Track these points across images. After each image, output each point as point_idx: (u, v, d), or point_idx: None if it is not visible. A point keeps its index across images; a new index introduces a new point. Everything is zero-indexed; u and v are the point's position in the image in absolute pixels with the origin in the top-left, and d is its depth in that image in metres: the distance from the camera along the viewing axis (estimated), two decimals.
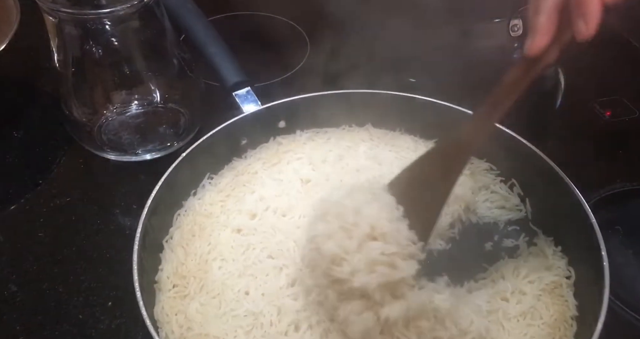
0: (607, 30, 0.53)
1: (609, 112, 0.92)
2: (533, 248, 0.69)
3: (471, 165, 0.78)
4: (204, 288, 0.64)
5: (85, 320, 0.66)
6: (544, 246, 0.69)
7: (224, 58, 0.79)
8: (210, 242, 0.68)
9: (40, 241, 0.74)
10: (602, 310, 0.56)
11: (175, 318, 0.61)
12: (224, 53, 0.80)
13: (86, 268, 0.71)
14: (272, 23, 1.09)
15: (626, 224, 0.75)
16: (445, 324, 0.58)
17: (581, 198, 0.65)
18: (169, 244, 0.68)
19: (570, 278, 0.65)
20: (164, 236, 0.68)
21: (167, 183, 0.67)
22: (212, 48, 0.80)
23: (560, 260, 0.67)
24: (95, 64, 0.75)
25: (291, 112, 0.79)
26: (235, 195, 0.74)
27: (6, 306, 0.67)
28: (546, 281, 0.65)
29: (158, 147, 0.81)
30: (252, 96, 0.78)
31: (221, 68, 0.79)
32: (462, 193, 0.73)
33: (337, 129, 0.82)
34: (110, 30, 0.71)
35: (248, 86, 0.79)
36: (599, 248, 0.61)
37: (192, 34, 0.81)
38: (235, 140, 0.77)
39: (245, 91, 0.78)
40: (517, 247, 0.70)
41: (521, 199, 0.74)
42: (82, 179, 0.83)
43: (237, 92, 0.78)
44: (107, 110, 0.82)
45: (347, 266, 0.55)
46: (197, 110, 0.84)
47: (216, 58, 0.79)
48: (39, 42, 0.75)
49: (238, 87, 0.78)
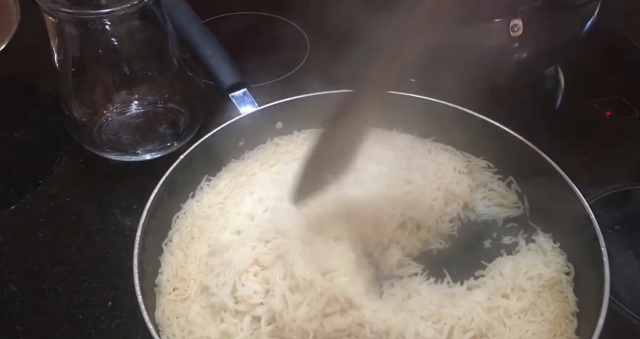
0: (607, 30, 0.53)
1: (609, 112, 0.92)
2: (532, 245, 0.69)
3: (469, 162, 0.78)
4: (205, 291, 0.63)
5: (85, 320, 0.66)
6: (542, 242, 0.69)
7: (219, 60, 0.80)
8: (209, 244, 0.68)
9: (40, 241, 0.74)
10: (603, 306, 0.56)
11: (176, 322, 0.61)
12: (219, 55, 0.80)
13: (86, 268, 0.71)
14: (272, 23, 1.09)
15: (626, 224, 0.75)
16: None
17: (581, 197, 0.65)
18: (168, 247, 0.68)
19: (570, 274, 0.65)
20: (163, 239, 0.68)
21: (165, 186, 0.67)
22: (207, 50, 0.80)
23: (559, 256, 0.67)
24: (95, 64, 0.75)
25: (288, 113, 0.78)
26: (234, 196, 0.74)
27: (6, 306, 0.67)
28: (546, 277, 0.65)
29: (158, 147, 0.81)
30: (249, 97, 0.78)
31: (217, 70, 0.79)
32: (461, 191, 0.73)
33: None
34: (110, 30, 0.71)
35: (244, 87, 0.79)
36: (598, 245, 0.61)
37: (186, 36, 0.81)
38: (233, 142, 0.77)
39: (241, 92, 0.78)
40: (515, 244, 0.70)
41: (519, 196, 0.74)
42: (82, 179, 0.83)
43: (233, 94, 0.78)
44: (107, 110, 0.82)
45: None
46: (196, 110, 0.84)
47: (211, 61, 0.79)
48: (39, 42, 0.75)
49: (234, 88, 0.78)
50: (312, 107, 0.78)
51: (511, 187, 0.75)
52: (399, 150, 0.79)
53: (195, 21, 0.82)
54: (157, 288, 0.64)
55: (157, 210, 0.66)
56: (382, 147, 0.79)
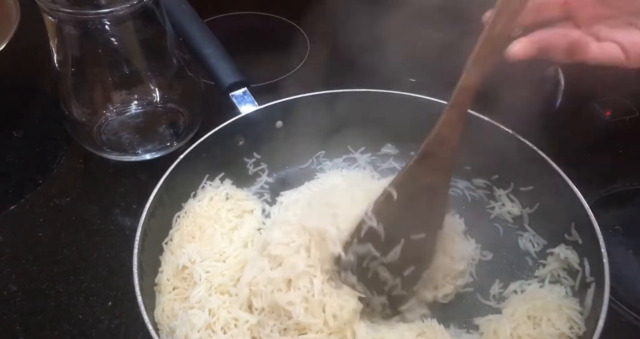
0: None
1: (609, 112, 0.92)
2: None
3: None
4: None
5: (85, 320, 0.66)
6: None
7: (219, 59, 0.79)
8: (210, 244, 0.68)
9: (40, 241, 0.74)
10: (603, 306, 0.56)
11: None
12: (219, 54, 0.79)
13: (86, 268, 0.71)
14: (272, 23, 1.09)
15: (626, 224, 0.75)
16: None
17: (581, 198, 0.65)
18: (168, 246, 0.68)
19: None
20: (164, 238, 0.68)
21: (166, 186, 0.67)
22: (208, 49, 0.79)
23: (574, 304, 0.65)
24: (95, 64, 0.75)
25: (288, 112, 0.78)
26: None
27: (6, 306, 0.67)
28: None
29: (158, 147, 0.81)
30: (249, 96, 0.78)
31: (217, 69, 0.79)
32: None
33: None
34: (110, 30, 0.71)
35: (244, 87, 0.79)
36: (598, 245, 0.60)
37: (186, 35, 0.81)
38: (233, 141, 0.77)
39: (241, 92, 0.78)
40: None
41: (518, 198, 0.75)
42: (82, 179, 0.83)
43: (233, 93, 0.78)
44: (107, 110, 0.82)
45: None
46: (196, 110, 0.84)
47: (212, 60, 0.79)
48: (39, 42, 0.75)
49: (234, 87, 0.78)
50: (313, 107, 0.78)
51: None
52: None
53: (195, 20, 0.81)
54: (157, 287, 0.64)
55: (157, 209, 0.66)
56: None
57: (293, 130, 0.80)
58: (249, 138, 0.78)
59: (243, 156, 0.79)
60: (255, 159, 0.79)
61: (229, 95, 0.78)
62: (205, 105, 0.84)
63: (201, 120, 0.84)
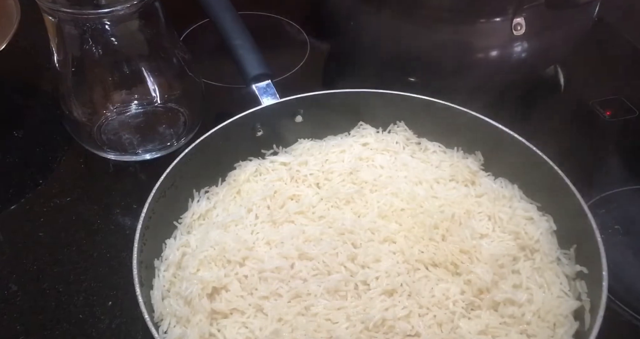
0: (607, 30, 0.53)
1: (609, 112, 0.92)
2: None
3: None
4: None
5: (85, 320, 0.66)
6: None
7: (247, 50, 0.79)
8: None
9: (40, 241, 0.74)
10: (602, 306, 0.56)
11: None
12: (248, 46, 0.80)
13: (86, 268, 0.71)
14: (272, 23, 1.09)
15: (626, 224, 0.75)
16: None
17: (581, 198, 0.65)
18: (169, 245, 0.68)
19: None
20: (164, 238, 0.68)
21: (165, 185, 0.67)
22: (238, 40, 0.80)
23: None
24: (95, 64, 0.75)
25: (309, 108, 0.78)
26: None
27: (6, 306, 0.67)
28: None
29: (158, 146, 0.81)
30: (271, 89, 0.78)
31: (244, 59, 0.79)
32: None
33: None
34: (110, 30, 0.71)
35: (269, 79, 0.79)
36: (598, 244, 0.60)
37: (219, 23, 0.81)
38: (249, 133, 0.76)
39: (265, 84, 0.78)
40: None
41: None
42: (82, 179, 0.83)
43: (257, 84, 0.78)
44: (107, 110, 0.82)
45: None
46: (196, 110, 0.84)
47: (240, 50, 0.79)
48: (39, 42, 0.75)
49: (258, 79, 0.78)
50: (333, 104, 0.77)
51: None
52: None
53: (229, 10, 0.82)
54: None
55: (157, 209, 0.66)
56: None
57: (313, 125, 0.79)
58: (268, 129, 0.77)
59: (260, 147, 0.78)
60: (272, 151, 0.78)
61: (252, 86, 0.78)
62: (205, 105, 0.84)
63: (201, 120, 0.84)
